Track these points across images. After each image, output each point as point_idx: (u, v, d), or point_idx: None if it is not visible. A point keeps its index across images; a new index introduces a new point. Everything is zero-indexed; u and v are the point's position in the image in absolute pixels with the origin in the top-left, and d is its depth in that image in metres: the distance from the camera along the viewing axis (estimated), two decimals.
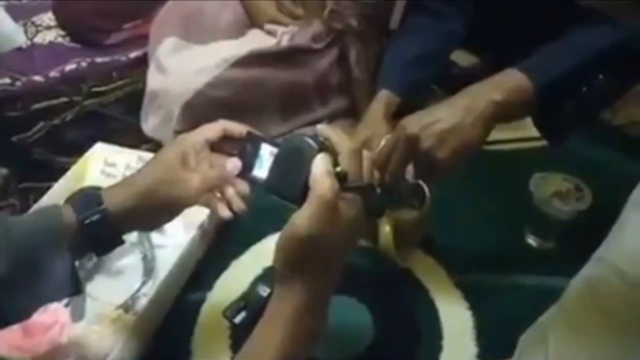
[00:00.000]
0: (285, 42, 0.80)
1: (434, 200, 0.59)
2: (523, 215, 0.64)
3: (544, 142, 0.72)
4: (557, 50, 0.57)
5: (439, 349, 0.53)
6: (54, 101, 0.93)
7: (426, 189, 0.60)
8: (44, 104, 0.93)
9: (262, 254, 0.64)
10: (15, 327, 0.52)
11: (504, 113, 0.54)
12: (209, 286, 0.60)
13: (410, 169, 0.57)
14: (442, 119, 0.52)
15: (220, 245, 0.65)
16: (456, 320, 0.56)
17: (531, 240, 0.64)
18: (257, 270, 0.62)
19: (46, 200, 0.67)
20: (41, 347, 0.50)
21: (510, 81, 0.54)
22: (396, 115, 0.68)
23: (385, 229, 0.56)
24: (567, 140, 0.65)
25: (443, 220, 0.62)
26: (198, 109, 0.73)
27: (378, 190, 0.44)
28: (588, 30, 0.57)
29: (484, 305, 0.57)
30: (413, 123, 0.53)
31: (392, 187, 0.56)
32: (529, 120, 0.78)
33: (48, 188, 0.69)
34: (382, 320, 0.56)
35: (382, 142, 0.59)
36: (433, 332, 0.55)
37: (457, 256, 0.62)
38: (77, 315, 0.55)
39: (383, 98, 0.69)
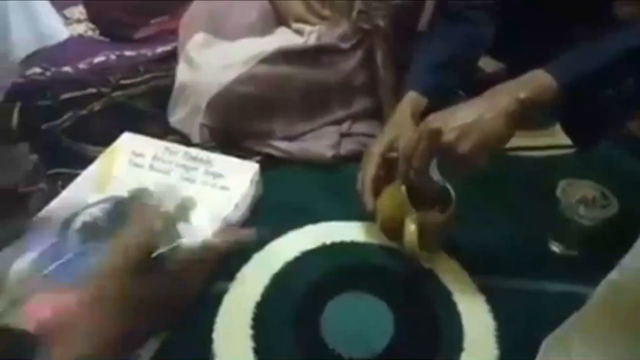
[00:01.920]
0: (312, 41, 0.80)
1: (459, 203, 0.59)
2: (548, 222, 0.63)
3: (571, 150, 0.72)
4: (583, 51, 0.57)
5: (460, 349, 0.53)
6: (83, 92, 0.95)
7: (452, 191, 0.60)
8: (73, 94, 0.95)
9: (282, 248, 0.64)
10: (46, 307, 0.53)
11: (527, 110, 0.54)
12: (231, 277, 0.61)
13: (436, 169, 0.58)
14: (465, 115, 0.54)
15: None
16: (478, 322, 0.56)
17: (555, 247, 0.64)
18: (278, 265, 0.62)
19: (74, 187, 0.68)
20: None
21: (534, 80, 0.55)
22: (423, 117, 0.69)
23: (411, 228, 0.56)
24: (595, 144, 0.65)
25: (468, 223, 0.62)
26: (225, 104, 0.74)
27: None
28: (616, 33, 0.57)
29: (506, 309, 0.57)
30: (436, 118, 0.54)
31: (417, 183, 0.56)
32: (557, 128, 0.78)
33: (76, 175, 0.71)
34: (403, 319, 0.56)
35: (402, 143, 0.59)
36: (454, 333, 0.55)
37: (480, 260, 0.62)
38: None
39: (410, 99, 0.70)
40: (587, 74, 0.55)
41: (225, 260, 0.62)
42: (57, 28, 0.96)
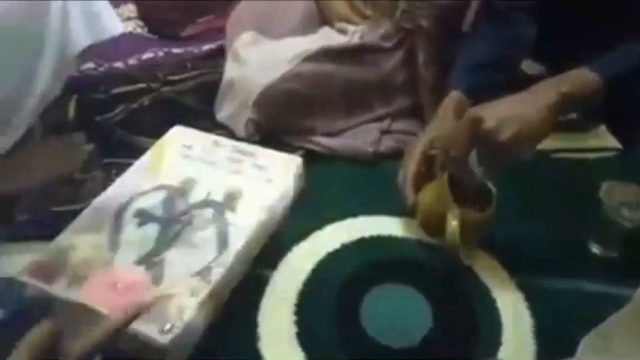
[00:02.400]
0: (355, 40, 0.83)
1: (500, 202, 0.60)
2: (589, 223, 0.64)
3: (615, 153, 0.72)
4: (627, 49, 0.58)
5: (497, 344, 0.54)
6: (133, 87, 1.00)
7: (493, 189, 0.61)
8: (124, 88, 0.99)
9: (323, 240, 0.67)
10: (104, 285, 0.57)
11: (569, 104, 0.55)
12: (275, 266, 0.63)
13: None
14: (506, 106, 0.56)
15: (286, 228, 0.68)
16: (516, 318, 0.57)
17: (595, 249, 0.64)
18: (320, 255, 0.65)
19: (128, 175, 0.72)
20: (126, 304, 0.54)
21: (577, 76, 0.56)
22: None
23: (453, 223, 0.58)
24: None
25: (508, 222, 0.63)
26: (271, 100, 0.77)
27: None
28: None
29: (544, 307, 0.58)
30: (478, 109, 0.56)
31: (457, 174, 0.58)
32: (601, 130, 0.77)
33: (128, 164, 0.75)
34: (441, 312, 0.58)
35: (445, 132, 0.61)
36: (492, 328, 0.56)
37: (519, 258, 0.62)
38: (156, 279, 0.59)
39: (453, 98, 0.71)
40: (630, 71, 0.55)
41: (268, 248, 0.65)
42: (113, 23, 1.01)
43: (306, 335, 0.56)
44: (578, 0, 0.70)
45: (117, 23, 0.91)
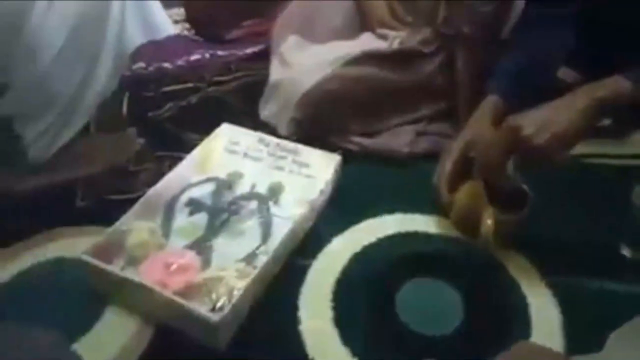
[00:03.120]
0: (395, 45, 0.86)
1: (533, 204, 0.62)
2: (621, 227, 0.65)
3: None
4: None
5: (527, 337, 0.57)
6: (181, 86, 1.05)
7: (529, 192, 0.63)
8: (172, 87, 1.04)
9: (360, 234, 0.70)
10: (160, 266, 0.62)
11: (603, 109, 0.58)
12: (314, 255, 0.67)
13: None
14: (544, 112, 0.58)
15: (325, 222, 0.72)
16: (545, 314, 0.59)
17: (626, 252, 0.65)
18: (356, 248, 0.68)
19: (180, 168, 0.77)
20: (180, 283, 0.59)
21: (612, 82, 0.59)
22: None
23: (488, 222, 0.60)
24: None
25: (541, 223, 0.65)
26: (314, 100, 0.81)
27: None
28: None
29: (572, 305, 0.60)
30: (516, 117, 0.59)
31: (494, 180, 0.60)
32: (635, 138, 0.78)
33: (179, 158, 0.80)
34: (472, 306, 0.60)
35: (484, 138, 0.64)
36: (522, 322, 0.58)
37: (551, 259, 0.65)
38: (205, 263, 0.64)
39: (491, 103, 0.73)
40: None
41: (308, 239, 0.69)
42: (165, 25, 1.07)
43: (343, 319, 0.59)
44: (617, 9, 0.72)
45: (169, 25, 0.97)
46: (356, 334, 0.58)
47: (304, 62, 0.84)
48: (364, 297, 0.62)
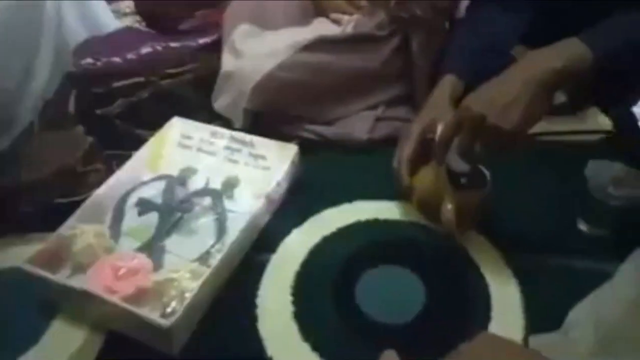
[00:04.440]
0: (349, 30, 0.84)
1: (491, 184, 0.62)
2: (577, 202, 0.65)
3: (602, 135, 0.73)
4: (617, 22, 0.57)
5: (487, 319, 0.56)
6: (132, 80, 1.01)
7: (487, 172, 0.62)
8: (123, 82, 1.00)
9: (320, 224, 0.68)
10: (108, 271, 0.59)
11: (564, 81, 0.54)
12: (273, 249, 0.65)
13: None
14: (504, 93, 0.54)
15: (283, 213, 0.70)
16: (505, 294, 0.58)
17: (583, 227, 0.65)
18: (316, 239, 0.67)
19: (129, 166, 0.74)
20: (129, 288, 0.57)
21: (570, 49, 0.55)
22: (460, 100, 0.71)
23: (448, 206, 0.59)
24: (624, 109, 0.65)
25: (499, 203, 0.64)
26: (267, 89, 0.78)
27: None
28: None
29: (533, 283, 0.59)
30: (476, 102, 0.55)
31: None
32: (590, 113, 0.79)
33: (129, 156, 0.76)
34: (434, 290, 0.60)
35: (440, 127, 0.62)
36: (482, 304, 0.58)
37: (508, 237, 0.64)
38: (157, 265, 0.61)
39: (449, 82, 0.71)
40: (621, 45, 0.54)
41: (266, 233, 0.67)
42: (107, 19, 1.02)
43: (303, 314, 0.58)
44: None
45: (112, 19, 0.92)
46: (317, 328, 0.57)
47: (256, 50, 0.81)
48: (324, 290, 0.60)
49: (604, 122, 0.77)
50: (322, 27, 0.85)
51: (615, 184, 0.61)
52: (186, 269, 0.59)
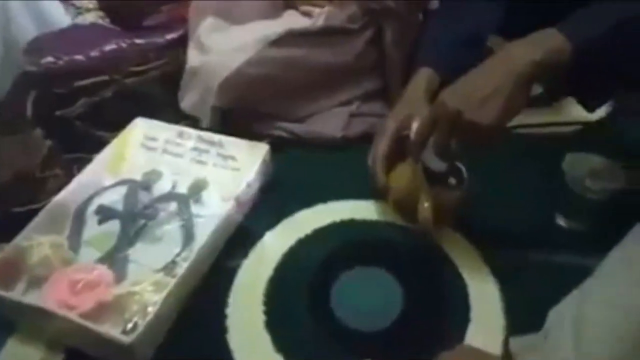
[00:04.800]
0: (320, 22, 0.81)
1: (469, 181, 0.60)
2: (555, 197, 0.64)
3: (578, 126, 0.72)
4: (595, 12, 0.55)
5: (467, 320, 0.54)
6: (95, 79, 0.96)
7: (464, 169, 0.60)
8: (85, 81, 0.95)
9: (294, 226, 0.66)
10: (64, 285, 0.55)
11: (543, 73, 0.52)
12: (244, 255, 0.62)
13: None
14: (481, 86, 0.52)
15: (255, 217, 0.67)
16: (484, 294, 0.57)
17: (561, 222, 0.64)
18: (290, 242, 0.64)
19: (89, 171, 0.70)
20: (87, 304, 0.53)
21: (548, 41, 0.52)
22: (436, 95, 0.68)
23: (425, 205, 0.57)
24: (603, 104, 0.63)
25: (476, 199, 0.62)
26: (236, 86, 0.74)
27: None
28: None
29: (511, 281, 0.58)
30: (452, 97, 0.53)
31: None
32: (565, 104, 0.77)
33: (91, 160, 0.72)
34: (412, 292, 0.57)
35: (415, 123, 0.59)
36: (461, 305, 0.56)
37: (486, 234, 0.62)
38: (119, 276, 0.58)
39: (423, 76, 0.68)
40: (600, 36, 0.52)
41: (237, 238, 0.64)
42: (59, 15, 0.97)
43: (275, 324, 0.55)
44: None
45: (63, 15, 0.88)
46: (290, 338, 0.54)
47: (223, 45, 0.78)
48: (298, 296, 0.58)
49: (581, 113, 0.76)
50: (291, 20, 0.82)
51: (593, 177, 0.59)
52: (150, 280, 0.55)
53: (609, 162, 0.61)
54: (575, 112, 0.76)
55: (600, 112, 0.76)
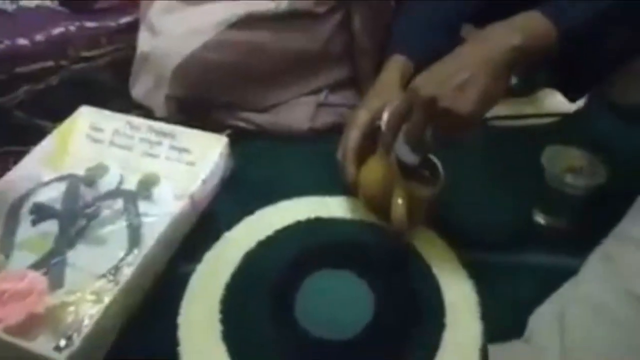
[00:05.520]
0: (284, 4, 0.75)
1: (444, 176, 0.56)
2: (533, 193, 0.60)
3: (555, 118, 0.69)
4: None
5: (442, 326, 0.50)
6: (39, 65, 0.89)
7: (439, 163, 0.56)
8: (29, 67, 0.88)
9: (254, 227, 0.60)
10: None
11: (524, 59, 0.48)
12: (199, 259, 0.56)
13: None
14: (458, 72, 0.47)
15: (212, 216, 0.61)
16: (460, 297, 0.53)
17: (540, 219, 0.61)
18: (250, 244, 0.58)
19: (25, 164, 0.63)
20: (15, 316, 0.46)
21: (531, 24, 0.49)
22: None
23: (398, 201, 0.52)
24: (583, 95, 0.60)
25: (448, 195, 0.58)
26: (191, 73, 0.68)
27: None
28: None
29: (488, 283, 0.54)
30: (426, 83, 0.48)
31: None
32: (539, 96, 0.74)
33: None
34: (383, 297, 0.53)
35: (386, 112, 0.55)
36: (436, 309, 0.52)
37: (461, 233, 0.59)
38: (56, 284, 0.51)
39: (397, 64, 0.64)
40: (585, 20, 0.49)
41: (191, 240, 0.58)
42: None
43: (233, 335, 0.50)
44: None
45: None
46: (249, 349, 0.49)
47: (177, 28, 0.71)
48: (258, 304, 0.52)
49: (556, 104, 0.73)
50: (253, 2, 0.76)
51: (573, 172, 0.56)
52: (90, 288, 0.49)
53: (590, 156, 0.58)
54: (550, 103, 0.73)
55: (578, 103, 0.73)
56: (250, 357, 0.48)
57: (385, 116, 0.54)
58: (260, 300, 0.53)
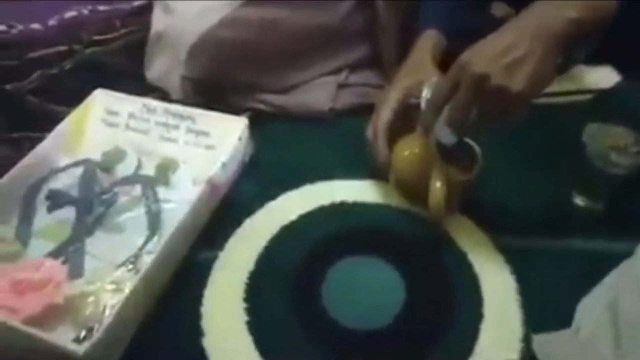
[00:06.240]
0: None
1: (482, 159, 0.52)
2: (572, 174, 0.57)
3: (595, 95, 0.65)
4: None
5: (479, 317, 0.47)
6: (53, 49, 0.87)
7: (476, 146, 0.53)
8: (42, 52, 0.86)
9: (277, 212, 0.58)
10: (6, 286, 0.47)
11: (580, 32, 0.45)
12: (220, 246, 0.54)
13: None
14: (511, 47, 0.44)
15: (234, 201, 0.58)
16: (498, 285, 0.50)
17: (579, 201, 0.57)
18: (273, 230, 0.56)
19: (41, 150, 0.61)
20: (34, 307, 0.45)
21: None
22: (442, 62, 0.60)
23: (437, 184, 0.49)
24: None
25: (484, 179, 0.55)
26: (207, 52, 0.66)
27: None
28: None
29: (527, 269, 0.51)
30: (477, 59, 0.45)
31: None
32: (576, 72, 0.70)
33: (44, 138, 0.63)
34: (415, 286, 0.50)
35: (426, 89, 0.51)
36: (472, 298, 0.49)
37: (498, 218, 0.55)
38: (75, 273, 0.50)
39: (429, 39, 0.61)
40: None
41: (212, 226, 0.56)
42: None
43: (259, 324, 0.48)
44: None
45: None
46: (275, 339, 0.47)
47: (191, 6, 0.68)
48: (284, 292, 0.50)
49: (594, 80, 0.69)
50: None
51: (617, 150, 0.52)
52: (109, 277, 0.47)
53: (634, 133, 0.54)
54: (588, 78, 0.69)
55: (614, 79, 0.69)
56: (277, 348, 0.46)
57: (425, 93, 0.51)
58: (286, 288, 0.50)
